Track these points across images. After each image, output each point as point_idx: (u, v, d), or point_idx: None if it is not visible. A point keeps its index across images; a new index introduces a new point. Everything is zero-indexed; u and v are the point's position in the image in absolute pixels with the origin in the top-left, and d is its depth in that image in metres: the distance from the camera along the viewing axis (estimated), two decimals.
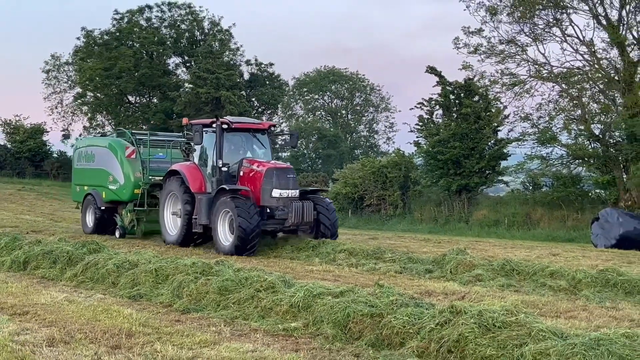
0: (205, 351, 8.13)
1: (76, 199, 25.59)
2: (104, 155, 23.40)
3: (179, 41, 60.11)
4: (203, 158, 20.25)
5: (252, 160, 19.63)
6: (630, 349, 7.10)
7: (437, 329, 8.27)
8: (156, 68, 57.72)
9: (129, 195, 22.33)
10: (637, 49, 31.49)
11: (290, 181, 18.83)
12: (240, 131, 20.50)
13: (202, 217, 18.87)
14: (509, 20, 32.95)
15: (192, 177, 19.61)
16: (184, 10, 59.69)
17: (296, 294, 10.10)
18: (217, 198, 18.55)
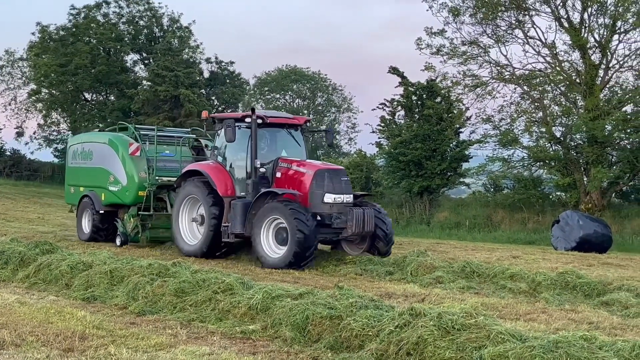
0: (161, 354, 8.07)
1: (70, 202, 22.97)
2: (104, 153, 20.84)
3: (137, 38, 59.72)
4: (229, 157, 17.81)
5: (290, 159, 17.28)
6: (589, 352, 7.19)
7: (396, 331, 8.29)
8: (113, 65, 57.29)
9: (133, 197, 19.85)
10: (598, 51, 31.95)
11: (344, 184, 16.65)
12: (274, 126, 18.08)
13: (237, 225, 16.46)
14: (472, 21, 33.28)
15: (219, 178, 17.17)
16: (142, 7, 59.37)
17: (255, 295, 10.07)
18: (260, 203, 16.27)
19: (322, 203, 16.08)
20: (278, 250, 15.84)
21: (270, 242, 16.01)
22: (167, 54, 52.62)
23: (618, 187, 33.16)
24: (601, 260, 19.74)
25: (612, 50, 32.00)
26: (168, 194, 19.69)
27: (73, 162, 22.58)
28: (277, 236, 15.89)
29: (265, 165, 17.16)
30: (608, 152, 32.54)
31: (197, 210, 17.77)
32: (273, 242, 15.98)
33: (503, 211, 33.51)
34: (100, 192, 20.71)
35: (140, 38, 59.80)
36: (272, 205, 15.91)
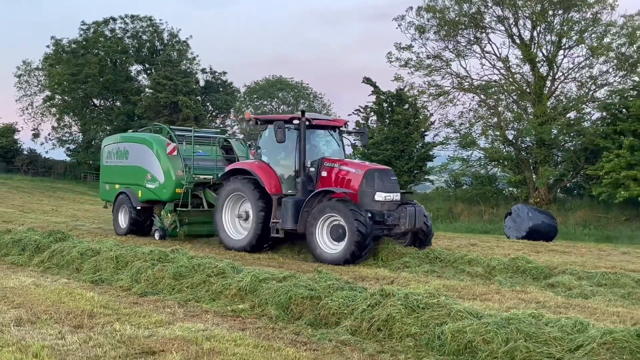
0: (161, 330, 8.03)
1: (105, 198, 21.82)
2: (141, 152, 19.70)
3: (141, 50, 59.57)
4: (275, 156, 16.71)
5: (333, 159, 16.24)
6: (536, 327, 7.23)
7: (368, 310, 8.32)
8: (119, 74, 57.13)
9: (170, 194, 18.75)
10: (546, 65, 32.12)
11: (393, 183, 15.67)
12: (317, 128, 16.93)
13: (288, 222, 15.46)
14: (436, 38, 33.41)
15: (266, 177, 16.16)
16: (145, 23, 59.24)
17: (244, 279, 10.05)
18: (315, 201, 15.24)
19: (373, 201, 15.10)
20: (333, 246, 14.85)
21: (325, 238, 15.00)
22: (167, 65, 52.50)
23: (562, 184, 33.43)
24: (548, 247, 19.85)
25: (558, 64, 32.25)
26: (204, 191, 18.90)
27: (108, 161, 21.34)
28: (332, 233, 14.90)
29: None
30: (554, 153, 32.78)
31: (241, 206, 16.87)
32: (328, 238, 14.98)
33: (462, 204, 33.66)
34: (137, 189, 19.68)
35: (143, 51, 59.65)
36: (329, 204, 14.91)
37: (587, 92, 32.31)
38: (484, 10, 32.02)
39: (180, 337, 7.70)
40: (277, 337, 7.96)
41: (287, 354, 7.14)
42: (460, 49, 33.40)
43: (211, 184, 18.67)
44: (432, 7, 32.55)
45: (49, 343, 7.29)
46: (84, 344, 7.32)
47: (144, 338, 7.62)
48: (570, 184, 34.24)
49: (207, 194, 18.81)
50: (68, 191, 47.85)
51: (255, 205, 16.09)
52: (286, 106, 74.43)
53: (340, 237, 14.65)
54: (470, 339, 7.25)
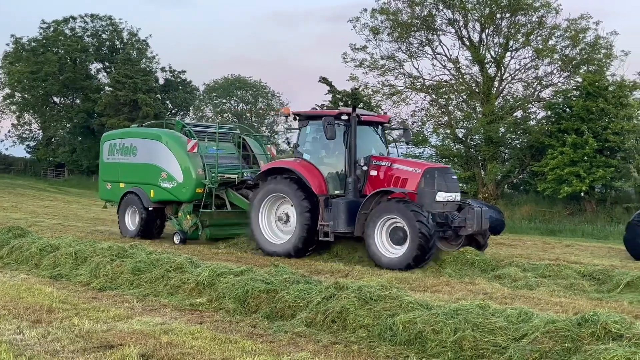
0: (119, 324, 7.95)
1: (106, 198, 19.68)
2: (154, 149, 17.73)
3: (100, 49, 58.79)
4: (318, 154, 15.24)
5: (382, 157, 14.93)
6: (483, 317, 7.33)
7: (323, 302, 8.34)
8: (79, 72, 56.30)
9: (190, 194, 17.00)
10: (494, 66, 32.52)
11: (454, 183, 14.42)
12: (364, 124, 15.31)
13: (340, 224, 14.03)
14: (389, 39, 33.49)
15: (312, 176, 14.63)
16: (105, 22, 58.48)
17: (202, 273, 10.00)
18: (371, 203, 13.87)
19: (434, 202, 13.78)
20: (393, 250, 13.44)
21: (384, 241, 13.54)
22: (127, 64, 51.88)
23: (509, 180, 33.91)
24: (495, 240, 20.09)
25: (505, 65, 32.64)
26: (226, 192, 17.30)
27: (110, 158, 19.16)
28: (392, 236, 13.47)
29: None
30: (501, 151, 33.23)
31: (280, 208, 15.35)
32: (387, 242, 13.53)
33: None
34: (149, 188, 17.70)
35: (103, 49, 58.87)
36: (388, 205, 13.50)
37: (532, 92, 32.81)
38: (435, 13, 32.29)
39: (139, 331, 7.63)
40: (234, 330, 7.94)
41: (243, 346, 7.12)
42: (413, 50, 33.60)
43: (237, 184, 17.20)
44: (385, 10, 32.69)
45: (7, 338, 7.15)
46: (42, 338, 7.20)
47: (102, 332, 7.53)
48: (516, 180, 34.74)
49: (230, 194, 17.34)
50: (28, 188, 46.95)
51: (299, 206, 14.50)
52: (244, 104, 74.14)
53: (400, 240, 13.30)
54: (421, 329, 7.32)
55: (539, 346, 6.53)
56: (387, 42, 33.69)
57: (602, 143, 26.63)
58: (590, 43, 30.32)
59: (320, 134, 14.82)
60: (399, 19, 32.62)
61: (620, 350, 6.00)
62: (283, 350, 7.04)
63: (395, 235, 13.42)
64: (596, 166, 26.59)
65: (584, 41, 30.40)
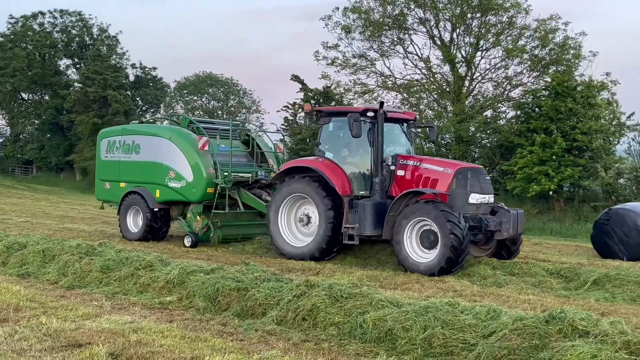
0: (88, 323, 7.87)
1: (104, 198, 18.51)
2: (160, 146, 16.65)
3: (70, 45, 58.09)
4: (342, 153, 14.41)
5: (409, 156, 14.08)
6: (452, 315, 7.39)
7: (294, 300, 8.35)
8: (48, 68, 55.57)
9: (201, 195, 16.04)
10: (464, 65, 32.75)
11: (487, 184, 13.46)
12: (390, 121, 14.45)
13: (367, 227, 13.19)
14: (361, 38, 33.56)
15: (336, 176, 13.78)
16: (74, 17, 57.78)
17: (172, 271, 9.95)
18: (400, 204, 13.02)
19: (467, 204, 12.97)
20: (424, 254, 12.64)
21: (414, 245, 12.74)
22: (97, 60, 51.33)
23: None
24: None
25: (476, 65, 32.88)
26: (238, 191, 16.41)
27: (109, 156, 18.00)
28: (422, 239, 12.67)
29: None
30: (472, 150, 33.44)
31: (300, 209, 14.55)
32: (417, 246, 12.73)
33: None
34: (154, 188, 16.69)
35: (72, 45, 58.16)
36: (418, 207, 12.69)
37: (502, 91, 33.11)
38: (407, 12, 32.41)
39: (107, 329, 7.56)
40: (204, 329, 7.91)
41: (213, 344, 7.09)
42: (384, 49, 33.71)
43: (250, 183, 16.46)
44: (357, 8, 32.75)
45: None
46: (9, 337, 7.10)
47: (70, 331, 7.45)
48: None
49: (243, 195, 16.49)
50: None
51: (322, 207, 13.72)
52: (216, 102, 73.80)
53: (432, 244, 12.51)
54: (391, 326, 7.36)
55: (507, 343, 6.59)
56: (359, 41, 33.79)
57: (570, 142, 26.94)
58: (559, 43, 30.68)
59: (343, 132, 14.19)
60: (371, 17, 32.72)
61: (586, 347, 6.08)
62: (253, 349, 7.02)
63: (425, 239, 12.61)
64: (564, 165, 26.90)
65: (553, 42, 30.74)
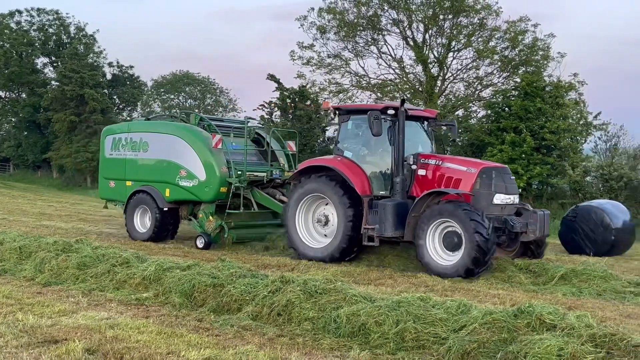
0: (64, 319, 7.79)
1: (107, 197, 17.63)
2: (170, 144, 15.82)
3: (47, 43, 57.34)
4: (361, 152, 13.70)
5: (430, 155, 13.37)
6: (424, 310, 7.43)
7: (269, 296, 8.34)
8: (25, 66, 54.79)
9: (214, 194, 15.23)
10: (436, 66, 32.92)
11: (513, 184, 12.74)
12: (411, 119, 13.64)
13: (387, 228, 12.45)
14: (336, 38, 33.58)
15: (355, 175, 13.09)
16: (52, 16, 57.05)
17: (148, 268, 9.89)
18: (423, 205, 12.36)
19: (492, 204, 12.26)
20: (447, 256, 11.99)
21: (437, 247, 12.09)
22: (74, 58, 50.78)
23: None
24: None
25: (448, 65, 33.08)
26: (251, 191, 15.69)
27: (114, 154, 17.09)
28: (444, 241, 12.02)
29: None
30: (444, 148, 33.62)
31: (318, 209, 13.84)
32: (440, 247, 12.08)
33: None
34: (164, 187, 15.87)
35: (49, 43, 57.44)
36: (442, 208, 12.00)
37: (473, 91, 33.33)
38: (381, 13, 32.49)
39: (84, 325, 7.49)
40: (181, 324, 7.87)
41: (189, 340, 7.06)
42: (359, 50, 33.77)
43: (265, 182, 15.88)
44: (332, 9, 32.77)
45: None
46: None
47: (47, 327, 7.38)
48: None
49: (256, 194, 15.79)
50: None
51: (342, 208, 13.05)
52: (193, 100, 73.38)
53: (455, 245, 11.84)
54: (364, 321, 7.38)
55: (477, 337, 6.64)
56: (334, 41, 33.81)
57: (539, 141, 27.19)
58: (528, 45, 30.95)
59: (362, 130, 13.58)
60: (346, 18, 32.75)
61: (553, 340, 6.15)
62: (229, 344, 7.00)
63: (448, 240, 11.95)
64: (533, 163, 27.15)
65: (522, 43, 31.01)
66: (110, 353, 6.45)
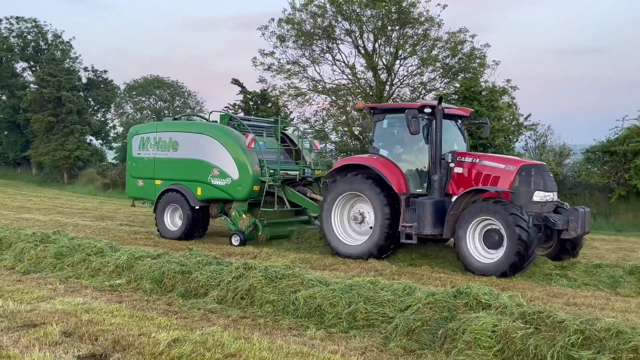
0: (42, 305, 7.64)
1: (135, 195, 16.47)
2: (202, 144, 14.85)
3: (26, 49, 55.98)
4: (397, 150, 12.79)
5: (466, 153, 12.44)
6: (374, 292, 7.49)
7: (233, 281, 8.30)
8: (5, 71, 53.45)
9: (247, 193, 14.30)
10: (385, 72, 33.06)
11: (551, 181, 11.71)
12: (447, 118, 12.63)
13: (426, 226, 11.55)
14: (294, 46, 33.36)
15: (392, 174, 12.20)
16: (30, 24, 55.73)
17: (121, 257, 9.75)
18: (462, 203, 11.42)
19: (531, 202, 11.29)
20: (488, 254, 11.05)
21: (477, 245, 11.15)
22: (51, 63, 49.70)
23: None
24: None
25: (395, 72, 33.20)
26: (283, 189, 14.75)
27: (142, 153, 16.02)
28: (485, 239, 11.10)
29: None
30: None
31: (354, 207, 12.92)
32: (480, 245, 11.14)
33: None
34: (195, 185, 14.89)
35: (28, 49, 56.08)
36: (482, 206, 11.05)
37: (418, 95, 33.54)
38: (335, 24, 32.41)
39: (61, 310, 7.36)
40: (151, 308, 7.78)
41: (159, 322, 6.99)
42: (315, 57, 33.62)
43: (298, 181, 15.06)
44: (291, 20, 32.59)
45: None
46: None
47: (26, 312, 7.22)
48: None
49: (288, 192, 14.85)
50: None
51: (379, 206, 12.18)
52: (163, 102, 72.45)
53: (495, 243, 10.96)
54: (320, 303, 7.40)
55: (421, 315, 6.71)
56: (293, 49, 33.59)
57: (475, 140, 27.52)
58: (467, 54, 31.24)
59: (398, 129, 12.75)
60: (303, 28, 32.60)
61: (488, 318, 6.24)
62: (196, 325, 6.95)
63: (489, 239, 11.04)
64: None
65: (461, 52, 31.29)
66: (86, 335, 6.35)
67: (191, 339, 6.18)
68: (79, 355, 5.81)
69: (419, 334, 6.51)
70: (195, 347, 5.95)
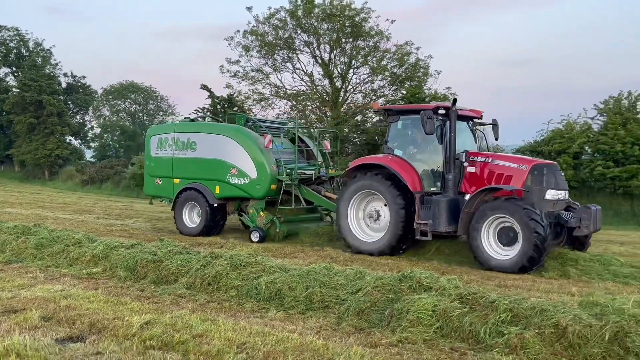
0: (23, 292, 7.44)
1: (153, 193, 15.68)
2: (221, 144, 14.14)
3: (8, 56, 54.38)
4: (411, 150, 12.09)
5: (479, 153, 11.65)
6: (328, 277, 7.51)
7: (201, 269, 8.23)
8: None
9: (265, 191, 13.67)
10: (340, 80, 33.16)
11: (563, 180, 11.12)
12: (460, 119, 11.95)
13: (441, 223, 10.95)
14: (258, 55, 33.22)
15: (407, 173, 11.57)
16: (12, 32, 54.24)
17: (97, 247, 9.57)
18: (476, 201, 10.78)
19: (544, 200, 10.60)
20: (503, 251, 10.39)
21: (492, 242, 10.50)
22: (33, 69, 48.37)
23: None
24: None
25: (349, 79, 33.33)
26: (299, 188, 14.02)
27: (160, 152, 15.27)
28: (499, 236, 10.45)
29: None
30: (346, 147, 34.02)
31: (369, 204, 12.29)
32: (495, 243, 10.49)
33: None
34: (214, 184, 14.20)
35: (10, 56, 54.49)
36: (497, 204, 10.40)
37: (369, 101, 33.76)
38: (295, 36, 32.38)
39: (41, 297, 7.18)
40: (125, 294, 7.66)
41: (132, 307, 6.88)
42: (277, 65, 33.53)
43: (314, 180, 14.37)
44: (255, 31, 32.42)
45: None
46: None
47: (7, 299, 7.03)
48: None
49: (303, 190, 14.12)
50: None
51: (394, 204, 11.52)
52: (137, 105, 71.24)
53: (510, 241, 10.33)
54: (280, 287, 7.39)
55: (370, 297, 6.76)
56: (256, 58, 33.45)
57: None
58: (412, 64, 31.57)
59: (412, 129, 12.08)
60: (266, 39, 32.50)
61: (429, 299, 6.33)
62: (166, 309, 6.86)
63: (503, 236, 10.42)
64: None
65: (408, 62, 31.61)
66: (64, 319, 6.21)
67: (162, 322, 6.11)
68: (57, 337, 5.69)
69: (368, 314, 6.56)
70: (166, 329, 5.88)
